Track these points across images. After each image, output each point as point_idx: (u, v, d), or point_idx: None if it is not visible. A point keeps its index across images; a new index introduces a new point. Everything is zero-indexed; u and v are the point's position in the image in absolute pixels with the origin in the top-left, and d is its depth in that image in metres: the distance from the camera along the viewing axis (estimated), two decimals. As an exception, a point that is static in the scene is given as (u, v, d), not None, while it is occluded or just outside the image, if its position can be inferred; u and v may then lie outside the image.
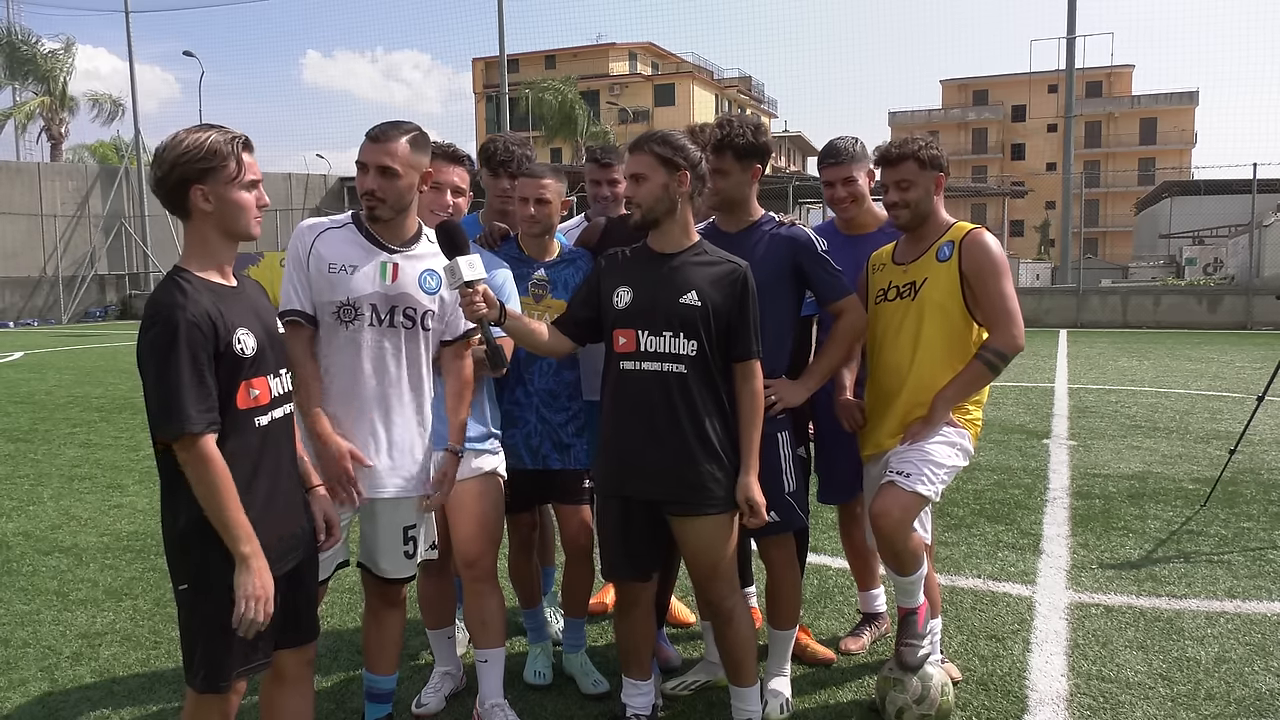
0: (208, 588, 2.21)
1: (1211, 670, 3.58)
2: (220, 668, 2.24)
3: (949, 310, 3.18)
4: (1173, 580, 4.58)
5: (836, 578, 4.65)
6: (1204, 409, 9.63)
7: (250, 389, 2.27)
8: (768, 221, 3.26)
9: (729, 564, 2.95)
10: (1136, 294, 22.90)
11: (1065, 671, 3.59)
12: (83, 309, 30.82)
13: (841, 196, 3.63)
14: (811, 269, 3.19)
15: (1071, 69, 25.56)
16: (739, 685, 3.07)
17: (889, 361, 3.26)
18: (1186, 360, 14.33)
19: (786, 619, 3.37)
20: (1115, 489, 6.39)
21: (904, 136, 3.30)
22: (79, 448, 8.31)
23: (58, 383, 13.07)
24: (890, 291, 3.29)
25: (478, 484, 3.16)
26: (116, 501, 6.39)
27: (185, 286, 2.21)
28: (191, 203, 2.24)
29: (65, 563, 5.08)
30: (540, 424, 3.39)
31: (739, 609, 3.02)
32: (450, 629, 3.46)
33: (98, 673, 3.72)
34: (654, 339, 2.85)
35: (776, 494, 3.14)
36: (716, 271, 2.89)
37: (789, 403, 3.17)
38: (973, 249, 3.17)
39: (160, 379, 2.13)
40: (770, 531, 3.19)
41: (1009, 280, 3.17)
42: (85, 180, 31.94)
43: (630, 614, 3.05)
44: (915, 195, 3.22)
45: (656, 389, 2.85)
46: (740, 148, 3.15)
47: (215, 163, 2.22)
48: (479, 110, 61.63)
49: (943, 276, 3.19)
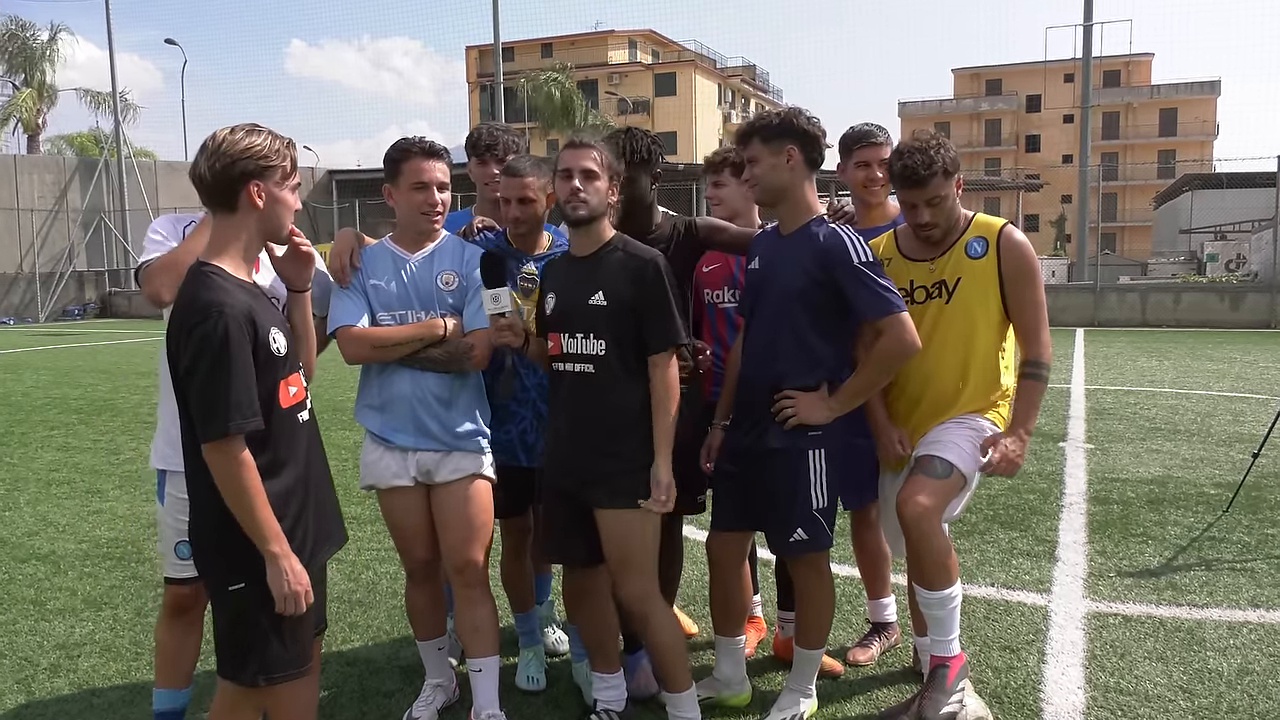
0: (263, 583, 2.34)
1: (1234, 683, 3.58)
2: (276, 661, 2.40)
3: (990, 314, 3.15)
4: (1194, 589, 4.58)
5: (844, 586, 4.65)
6: (1226, 411, 9.63)
7: (288, 386, 2.43)
8: (817, 224, 3.17)
9: (640, 562, 3.03)
10: (1156, 291, 22.90)
11: (1082, 684, 3.59)
12: (60, 307, 30.82)
13: (877, 176, 3.61)
14: (846, 283, 3.05)
15: (1088, 57, 25.56)
16: (669, 691, 3.15)
17: (928, 357, 3.15)
18: (1208, 360, 14.33)
19: (813, 639, 3.33)
20: (1134, 494, 6.39)
21: (915, 143, 3.17)
22: (57, 451, 8.31)
23: (35, 383, 13.07)
24: (917, 291, 3.23)
25: (464, 486, 3.19)
26: (96, 507, 6.39)
27: (224, 284, 2.32)
28: (243, 198, 2.37)
29: (42, 571, 5.08)
30: (537, 420, 3.42)
31: (655, 613, 3.08)
32: (441, 640, 3.46)
33: (76, 685, 3.72)
34: (571, 340, 3.05)
35: (804, 510, 3.14)
36: (626, 268, 2.99)
37: (807, 419, 3.09)
38: (1012, 251, 3.14)
39: (210, 380, 2.24)
40: (797, 551, 3.20)
41: (1042, 284, 3.19)
42: (63, 173, 31.95)
43: (583, 604, 3.15)
44: (947, 209, 3.18)
45: (572, 388, 3.06)
46: (765, 129, 3.14)
47: (275, 161, 2.39)
48: (473, 101, 61.65)
49: (979, 276, 3.14)
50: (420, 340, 3.12)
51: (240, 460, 2.26)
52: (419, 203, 3.17)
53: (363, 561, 5.12)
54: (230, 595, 2.37)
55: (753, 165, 3.17)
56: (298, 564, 2.35)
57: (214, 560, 2.40)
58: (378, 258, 3.24)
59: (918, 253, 3.28)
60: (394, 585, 4.78)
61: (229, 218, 2.40)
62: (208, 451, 2.27)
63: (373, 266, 3.22)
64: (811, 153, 3.15)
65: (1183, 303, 21.96)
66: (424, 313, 3.17)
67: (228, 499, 2.28)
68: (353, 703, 3.54)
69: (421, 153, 3.17)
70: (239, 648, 2.40)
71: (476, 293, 3.19)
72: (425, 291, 3.19)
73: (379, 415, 3.21)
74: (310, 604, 2.39)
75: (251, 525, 2.29)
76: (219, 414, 2.23)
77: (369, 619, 4.34)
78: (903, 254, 3.30)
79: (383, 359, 3.15)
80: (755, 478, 3.19)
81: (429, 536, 3.26)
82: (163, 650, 3.12)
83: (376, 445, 3.22)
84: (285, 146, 2.43)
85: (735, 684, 3.46)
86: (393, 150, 3.22)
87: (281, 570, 2.31)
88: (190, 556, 2.93)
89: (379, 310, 3.17)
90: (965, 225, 3.23)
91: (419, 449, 3.17)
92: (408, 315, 3.17)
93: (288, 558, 2.32)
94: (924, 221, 3.18)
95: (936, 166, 3.10)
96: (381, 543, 5.30)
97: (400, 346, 3.12)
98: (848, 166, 3.72)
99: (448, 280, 3.22)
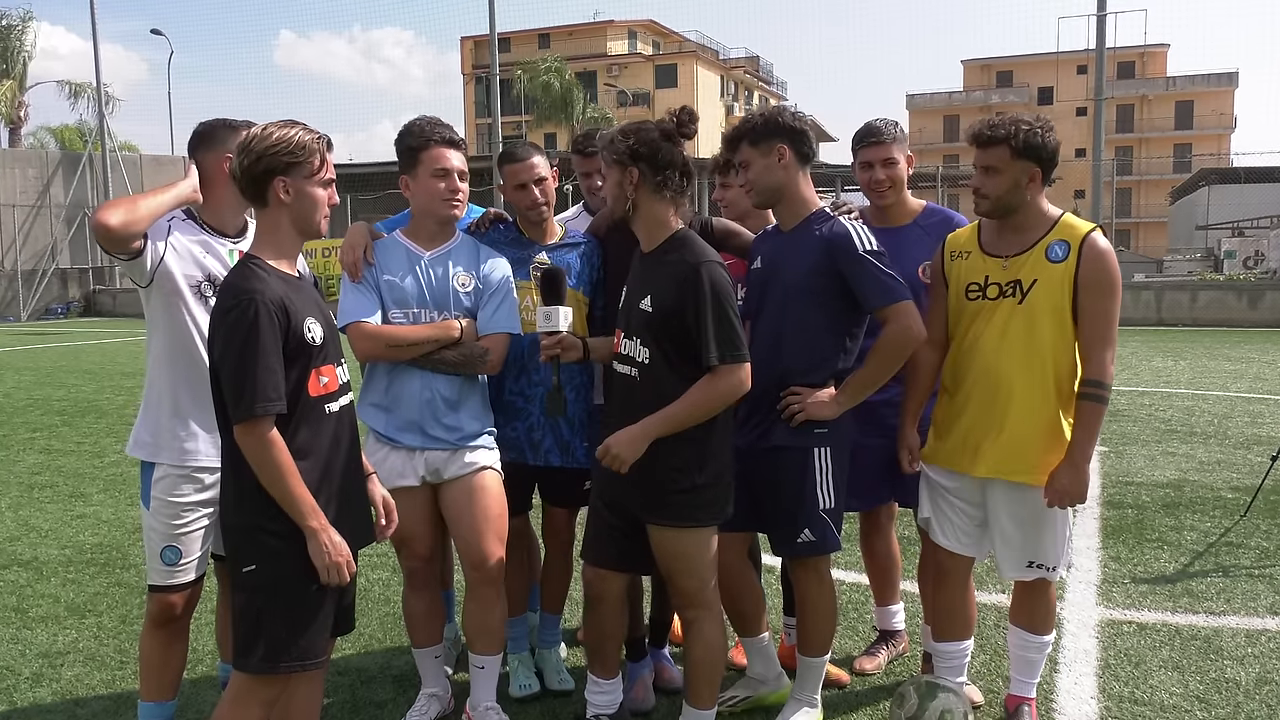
0: (278, 567, 2.44)
1: (1252, 692, 3.58)
2: (281, 651, 2.46)
3: (1062, 322, 3.08)
4: (1210, 596, 4.58)
5: (850, 592, 4.65)
6: (1244, 412, 9.63)
7: (320, 376, 2.52)
8: (819, 217, 3.20)
9: (686, 569, 3.00)
10: (1171, 289, 22.90)
11: (1095, 693, 3.59)
12: (43, 305, 30.79)
13: (880, 179, 3.53)
14: (850, 271, 3.08)
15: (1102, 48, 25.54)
16: (689, 704, 3.13)
17: (993, 358, 3.13)
18: (1225, 360, 14.33)
19: (816, 646, 3.33)
20: (1149, 498, 6.39)
21: (1008, 115, 3.14)
22: (39, 454, 8.31)
23: (16, 384, 13.06)
24: (990, 288, 3.16)
25: (475, 479, 3.23)
26: (79, 511, 6.39)
27: (261, 274, 2.46)
28: (272, 193, 2.48)
29: (24, 577, 5.08)
30: (543, 417, 3.45)
31: (702, 622, 3.06)
32: (438, 648, 3.46)
33: (59, 694, 3.72)
34: (627, 341, 3.02)
35: (811, 510, 3.15)
36: (672, 273, 2.91)
37: (815, 415, 3.11)
38: (1096, 260, 3.05)
39: (239, 363, 2.37)
40: (803, 552, 3.20)
41: (1119, 300, 3.10)
42: (46, 167, 31.94)
43: (597, 608, 3.14)
44: (999, 185, 3.09)
45: (620, 391, 3.05)
46: (752, 132, 3.16)
47: (302, 158, 2.48)
48: (468, 93, 61.66)
49: (1056, 280, 3.07)
50: (435, 341, 3.14)
51: (270, 440, 2.38)
52: (440, 190, 3.19)
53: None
54: (243, 577, 2.48)
55: (745, 170, 3.19)
56: (337, 536, 2.46)
57: (231, 540, 2.52)
58: (390, 252, 3.24)
59: (996, 248, 3.19)
60: (386, 592, 4.79)
61: (263, 212, 2.54)
62: (239, 433, 2.40)
63: (386, 261, 3.22)
64: (802, 147, 3.19)
65: (1199, 301, 21.95)
66: (437, 313, 3.20)
67: (262, 478, 2.40)
68: (344, 713, 3.55)
69: (441, 141, 3.19)
70: (248, 632, 2.48)
71: (493, 296, 3.25)
72: (440, 291, 3.22)
73: (385, 414, 3.22)
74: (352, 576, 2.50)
75: (288, 501, 2.40)
76: (246, 396, 2.36)
77: (360, 626, 4.32)
78: (982, 248, 3.23)
79: (395, 358, 3.16)
80: (760, 477, 3.20)
81: (431, 536, 3.29)
82: (147, 662, 3.12)
83: (381, 444, 3.23)
84: (315, 142, 2.50)
85: (771, 680, 3.48)
86: (410, 138, 3.21)
87: (321, 544, 2.42)
88: (176, 562, 2.96)
89: (391, 307, 3.18)
90: (1049, 225, 3.13)
91: (425, 449, 3.19)
92: (420, 314, 3.19)
93: (326, 531, 2.44)
94: (973, 186, 3.16)
95: (1001, 134, 3.06)
96: (373, 548, 5.28)
97: (415, 346, 3.13)
98: (856, 166, 3.67)
99: (464, 282, 3.25)
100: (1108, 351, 3.07)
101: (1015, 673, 3.38)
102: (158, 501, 2.96)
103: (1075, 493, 3.06)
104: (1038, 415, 3.11)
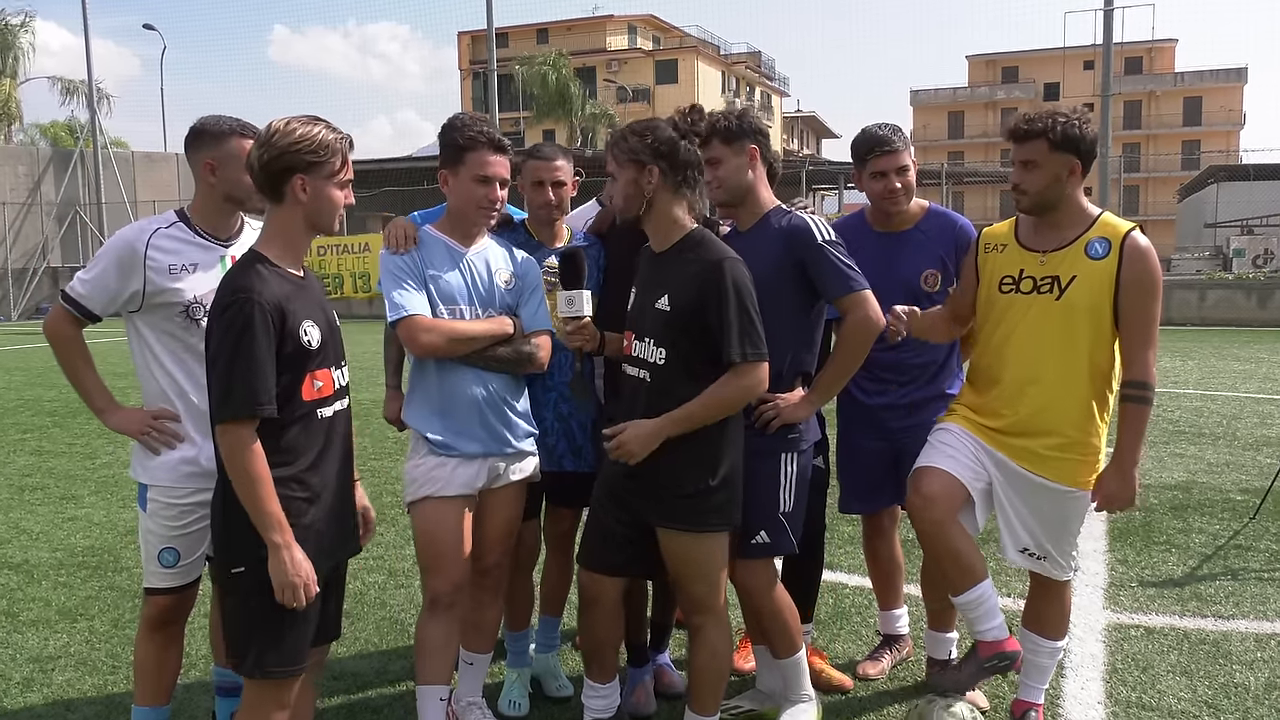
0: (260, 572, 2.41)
1: (1261, 697, 3.58)
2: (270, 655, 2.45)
3: (1100, 320, 3.07)
4: (1219, 599, 4.58)
5: (853, 596, 4.65)
6: (1253, 413, 9.63)
7: (314, 380, 2.51)
8: (776, 214, 3.22)
9: (695, 575, 2.99)
10: (1180, 288, 22.88)
11: (1102, 698, 3.59)
12: (34, 304, 30.80)
13: (896, 188, 3.51)
14: (810, 259, 3.09)
15: (1109, 43, 25.54)
16: (692, 710, 3.13)
17: (1026, 353, 3.12)
18: (1234, 360, 14.34)
19: (783, 646, 3.30)
20: (1156, 500, 6.40)
21: (1047, 108, 3.13)
22: (30, 455, 8.32)
23: (7, 385, 13.07)
24: (1024, 282, 3.16)
25: (516, 490, 3.28)
26: (71, 514, 6.39)
27: (263, 272, 2.45)
28: (289, 191, 2.47)
29: (15, 580, 5.08)
30: (557, 422, 3.48)
31: (708, 628, 3.05)
32: (445, 689, 3.19)
33: (51, 699, 3.72)
34: (638, 344, 3.00)
35: (770, 512, 3.14)
36: (692, 271, 2.90)
37: (790, 419, 3.11)
38: (1139, 260, 3.03)
39: (228, 364, 2.36)
40: (755, 553, 3.18)
41: (1161, 299, 3.10)
42: (37, 164, 31.94)
43: (592, 611, 3.13)
44: (1038, 180, 3.08)
45: (630, 395, 3.03)
46: (726, 130, 3.16)
47: (325, 157, 2.47)
48: (465, 88, 61.66)
49: (1096, 278, 3.06)
50: (493, 337, 3.14)
51: (247, 444, 2.36)
52: (480, 197, 3.16)
53: (349, 572, 5.10)
54: (231, 579, 2.47)
55: (715, 167, 3.17)
56: (300, 554, 2.41)
57: (220, 541, 2.51)
58: (432, 247, 3.20)
59: (1034, 243, 3.18)
60: (381, 595, 4.79)
61: (277, 208, 2.52)
62: (219, 433, 2.39)
63: (429, 256, 3.18)
64: (767, 150, 3.25)
65: (1208, 300, 21.96)
66: (481, 310, 3.18)
67: (233, 481, 2.39)
68: (339, 718, 3.54)
69: (489, 145, 3.14)
70: (239, 636, 2.48)
71: (534, 294, 3.27)
72: (486, 288, 3.20)
73: (440, 419, 3.14)
74: (310, 599, 2.43)
75: (255, 511, 2.38)
76: (232, 397, 2.35)
77: (356, 631, 4.33)
78: (1019, 242, 3.22)
79: (455, 353, 3.11)
80: None
81: (465, 552, 3.16)
82: (142, 666, 3.11)
83: (436, 453, 3.13)
84: (339, 142, 2.49)
85: (778, 696, 3.46)
86: (458, 135, 3.14)
87: (282, 560, 2.38)
88: (174, 564, 2.96)
89: (438, 303, 3.14)
90: (1089, 222, 3.12)
91: (488, 454, 3.16)
92: (465, 311, 3.16)
93: (289, 548, 2.39)
94: (1013, 182, 3.16)
95: (1038, 127, 3.06)
96: (368, 551, 5.30)
97: (474, 341, 3.11)
98: (863, 176, 3.61)
99: (506, 279, 3.24)
100: (1150, 352, 3.06)
101: (1024, 677, 3.37)
102: (155, 504, 2.95)
103: (1124, 497, 3.08)
104: (1070, 413, 3.11)
